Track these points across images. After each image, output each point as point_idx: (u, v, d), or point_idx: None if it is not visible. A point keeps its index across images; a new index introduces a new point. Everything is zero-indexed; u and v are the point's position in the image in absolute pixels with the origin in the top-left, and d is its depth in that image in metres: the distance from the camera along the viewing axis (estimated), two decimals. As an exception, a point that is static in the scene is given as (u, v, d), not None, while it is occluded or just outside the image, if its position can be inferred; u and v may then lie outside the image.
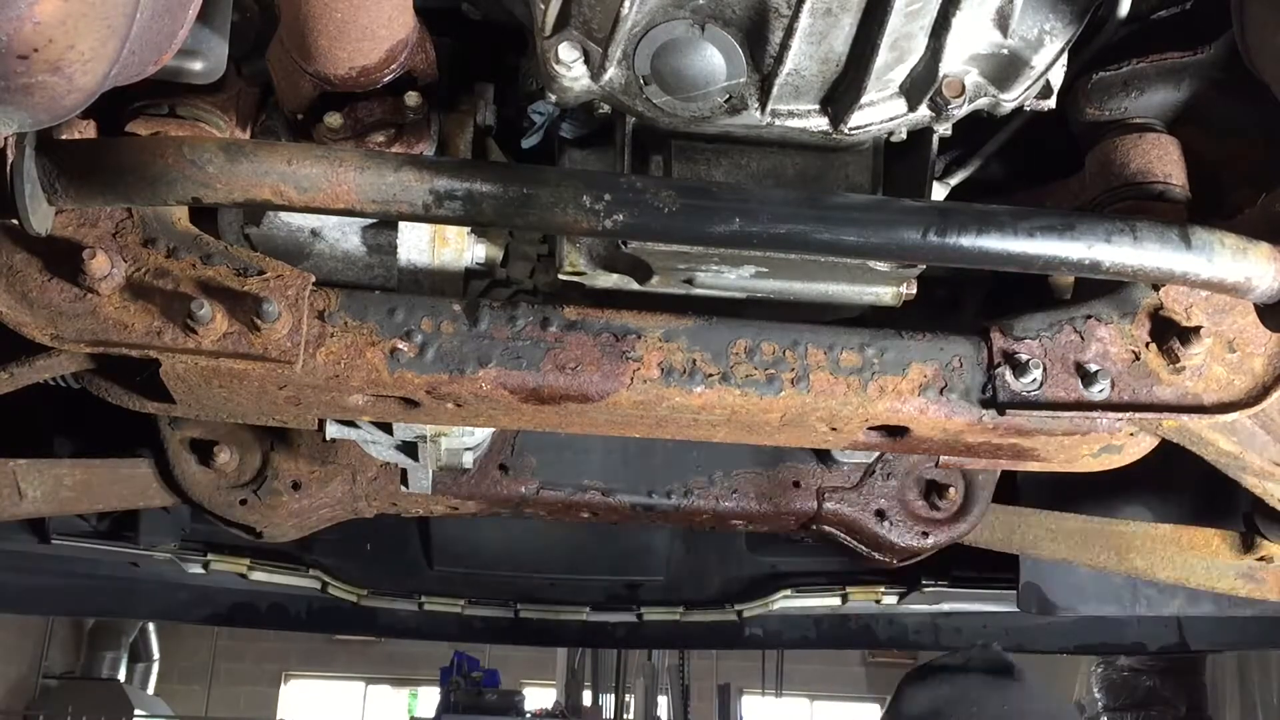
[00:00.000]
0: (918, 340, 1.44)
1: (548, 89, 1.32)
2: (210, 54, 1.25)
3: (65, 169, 1.14)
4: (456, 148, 1.48)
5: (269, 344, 1.29)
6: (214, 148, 1.14)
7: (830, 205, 1.21)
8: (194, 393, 1.36)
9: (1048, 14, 1.34)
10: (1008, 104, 1.39)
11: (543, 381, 1.36)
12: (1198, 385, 1.46)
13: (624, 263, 1.52)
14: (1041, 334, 1.46)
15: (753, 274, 1.49)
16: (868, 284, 1.54)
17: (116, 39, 0.88)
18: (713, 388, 1.39)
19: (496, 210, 1.17)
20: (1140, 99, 1.57)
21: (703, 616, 3.38)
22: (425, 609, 3.28)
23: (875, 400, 1.41)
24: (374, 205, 1.16)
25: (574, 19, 1.27)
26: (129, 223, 1.32)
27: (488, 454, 2.04)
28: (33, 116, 0.92)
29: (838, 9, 1.22)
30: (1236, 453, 1.53)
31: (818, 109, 1.36)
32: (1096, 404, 1.43)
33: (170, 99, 1.37)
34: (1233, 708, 7.21)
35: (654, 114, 1.33)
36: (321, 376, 1.32)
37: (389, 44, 1.27)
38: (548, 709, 11.05)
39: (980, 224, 1.21)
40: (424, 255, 1.49)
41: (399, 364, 1.34)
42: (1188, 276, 1.26)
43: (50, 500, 1.94)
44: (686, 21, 1.26)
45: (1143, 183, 1.53)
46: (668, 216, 1.18)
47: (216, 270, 1.32)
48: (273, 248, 1.46)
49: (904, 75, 1.34)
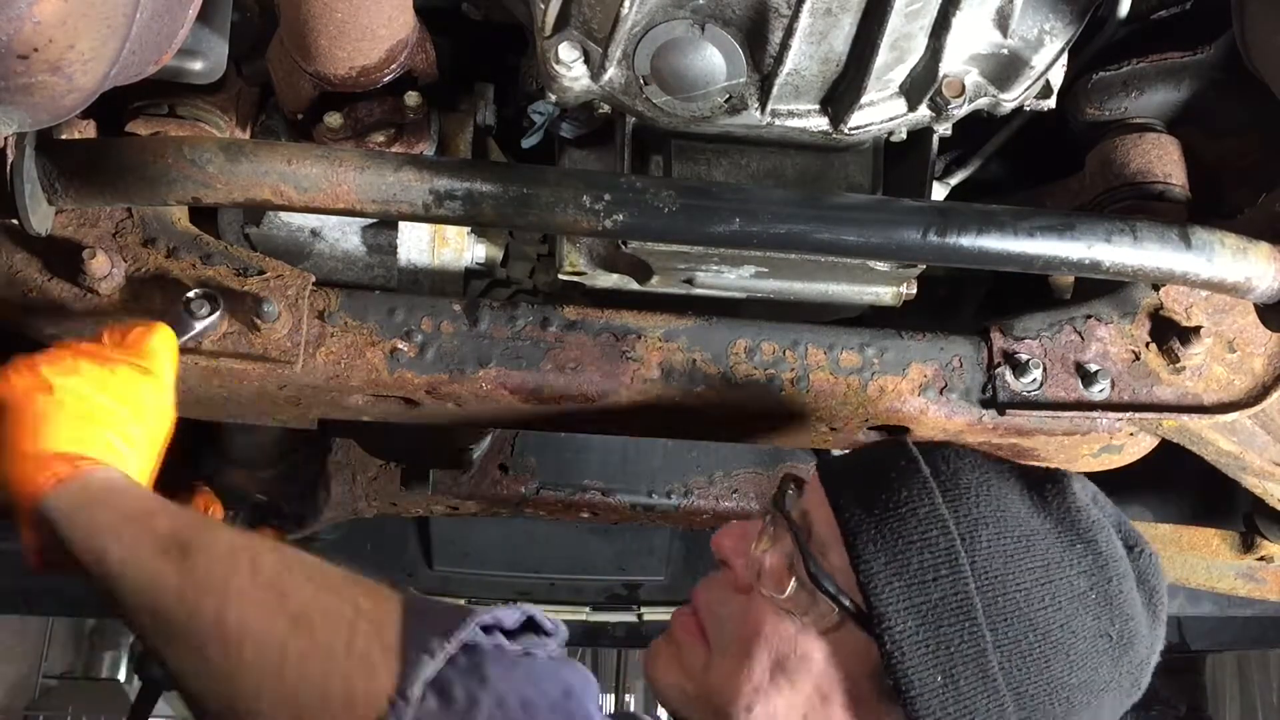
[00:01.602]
0: (918, 340, 1.44)
1: (548, 89, 1.32)
2: (210, 54, 1.25)
3: (65, 169, 1.14)
4: (456, 148, 1.48)
5: (269, 344, 1.29)
6: (214, 148, 1.14)
7: (830, 205, 1.21)
8: (194, 393, 1.36)
9: (1048, 14, 1.34)
10: (1008, 104, 1.39)
11: (543, 381, 1.36)
12: (1198, 385, 1.46)
13: (624, 263, 1.51)
14: (1041, 334, 1.46)
15: (753, 274, 1.49)
16: (868, 284, 1.54)
17: (116, 39, 0.88)
18: (713, 388, 1.39)
19: (496, 210, 1.17)
20: (1140, 99, 1.57)
21: (703, 616, 3.37)
22: (425, 609, 3.27)
23: (875, 400, 1.41)
24: (374, 205, 1.16)
25: (574, 19, 1.27)
26: (129, 223, 1.32)
27: (488, 454, 2.04)
28: (33, 116, 0.92)
29: (838, 9, 1.22)
30: (1236, 453, 1.53)
31: (818, 109, 1.36)
32: (1096, 404, 1.43)
33: (170, 99, 1.37)
34: (1233, 708, 7.21)
35: (654, 114, 1.33)
36: (321, 376, 1.32)
37: (389, 44, 1.27)
38: (548, 709, 11.04)
39: (980, 224, 1.21)
40: (424, 255, 1.49)
41: (399, 364, 1.34)
42: (1188, 276, 1.26)
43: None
44: (686, 21, 1.26)
45: (1143, 183, 1.53)
46: (668, 216, 1.18)
47: (216, 270, 1.31)
48: (273, 248, 1.46)
49: (904, 75, 1.34)
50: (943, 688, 1.01)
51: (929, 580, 1.03)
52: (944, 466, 1.10)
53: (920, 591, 1.02)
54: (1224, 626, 3.13)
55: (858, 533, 1.06)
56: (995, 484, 1.09)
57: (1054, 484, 1.11)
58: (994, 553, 1.04)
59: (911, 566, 1.03)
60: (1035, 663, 1.02)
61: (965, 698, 1.01)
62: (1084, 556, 1.06)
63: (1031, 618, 1.03)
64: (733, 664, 1.10)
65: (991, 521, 1.06)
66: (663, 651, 1.18)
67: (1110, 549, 1.08)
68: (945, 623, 1.02)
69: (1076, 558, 1.06)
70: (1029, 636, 1.02)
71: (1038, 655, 1.02)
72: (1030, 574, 1.04)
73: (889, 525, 1.06)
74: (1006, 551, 1.05)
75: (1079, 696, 1.03)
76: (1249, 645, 4.13)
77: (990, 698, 1.01)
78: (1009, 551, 1.05)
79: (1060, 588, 1.04)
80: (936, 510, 1.06)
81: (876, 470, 1.12)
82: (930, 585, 1.03)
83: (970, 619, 1.02)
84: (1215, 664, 6.98)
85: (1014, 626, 1.02)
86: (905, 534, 1.04)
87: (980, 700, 1.01)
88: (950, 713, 1.01)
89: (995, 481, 1.10)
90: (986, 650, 1.01)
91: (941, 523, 1.05)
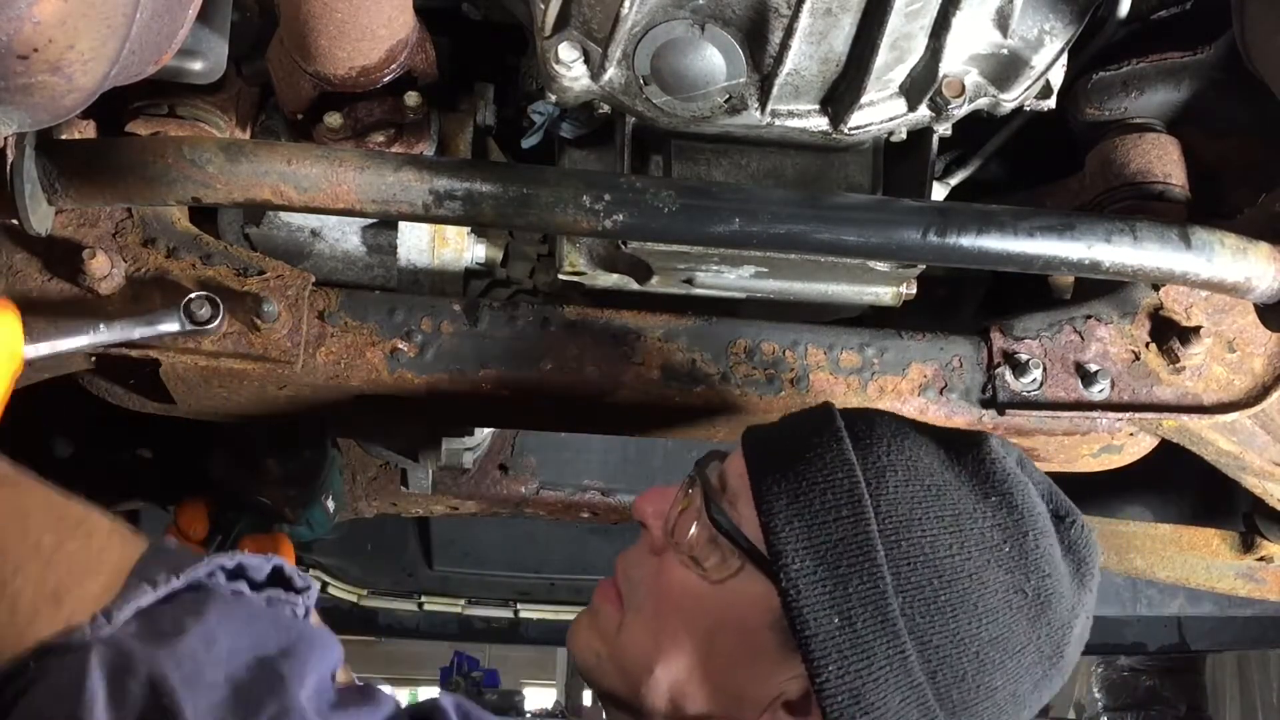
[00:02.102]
0: (918, 340, 1.44)
1: (548, 89, 1.32)
2: (210, 54, 1.25)
3: (65, 169, 1.14)
4: (456, 148, 1.48)
5: (269, 344, 1.29)
6: (214, 148, 1.14)
7: (830, 205, 1.21)
8: (194, 393, 1.36)
9: (1048, 14, 1.34)
10: (1008, 104, 1.39)
11: (543, 381, 1.36)
12: (1198, 385, 1.46)
13: (624, 263, 1.51)
14: (1041, 334, 1.46)
15: (753, 274, 1.49)
16: (868, 284, 1.54)
17: (116, 39, 0.88)
18: (713, 388, 1.39)
19: (496, 210, 1.17)
20: (1140, 99, 1.57)
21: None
22: (425, 609, 3.28)
23: (875, 400, 1.41)
24: (374, 205, 1.16)
25: (574, 19, 1.27)
26: (129, 223, 1.32)
27: (488, 454, 2.04)
28: (33, 116, 0.92)
29: (838, 9, 1.22)
30: (1236, 453, 1.53)
31: (818, 109, 1.36)
32: (1096, 404, 1.43)
33: (170, 99, 1.36)
34: (1233, 708, 7.20)
35: (654, 114, 1.33)
36: (321, 376, 1.32)
37: (389, 44, 1.27)
38: (548, 709, 11.06)
39: (980, 224, 1.21)
40: (424, 255, 1.49)
41: (399, 364, 1.34)
42: (1188, 276, 1.26)
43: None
44: (686, 21, 1.26)
45: (1143, 183, 1.53)
46: (668, 216, 1.18)
47: (216, 270, 1.31)
48: (273, 248, 1.46)
49: (904, 75, 1.34)
50: (839, 630, 0.98)
51: (829, 521, 1.00)
52: (860, 421, 1.09)
53: (820, 531, 1.00)
54: (1224, 626, 3.13)
55: (763, 476, 1.05)
56: (910, 437, 1.07)
57: (971, 442, 1.09)
58: (899, 498, 1.02)
59: (813, 507, 1.01)
60: (940, 611, 0.98)
61: (863, 640, 0.97)
62: (998, 510, 1.03)
63: (937, 564, 0.99)
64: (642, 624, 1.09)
65: (900, 468, 1.04)
66: (582, 620, 1.17)
67: (1028, 505, 1.05)
68: (844, 563, 0.99)
69: (990, 510, 1.03)
70: (933, 583, 0.99)
71: (942, 603, 0.99)
72: (939, 522, 1.01)
73: (794, 470, 1.04)
74: (914, 498, 1.02)
75: (990, 653, 1.00)
76: (1249, 645, 4.13)
77: (890, 642, 0.98)
78: (916, 498, 1.02)
79: (970, 537, 1.01)
80: (844, 455, 1.04)
81: (794, 427, 1.12)
82: (831, 525, 1.00)
83: (871, 560, 0.99)
84: (1215, 664, 6.97)
85: (917, 571, 0.99)
86: (809, 476, 1.03)
87: (879, 644, 0.97)
88: (847, 656, 0.97)
89: (911, 435, 1.08)
90: (887, 593, 0.98)
91: (847, 466, 1.03)
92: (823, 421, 1.09)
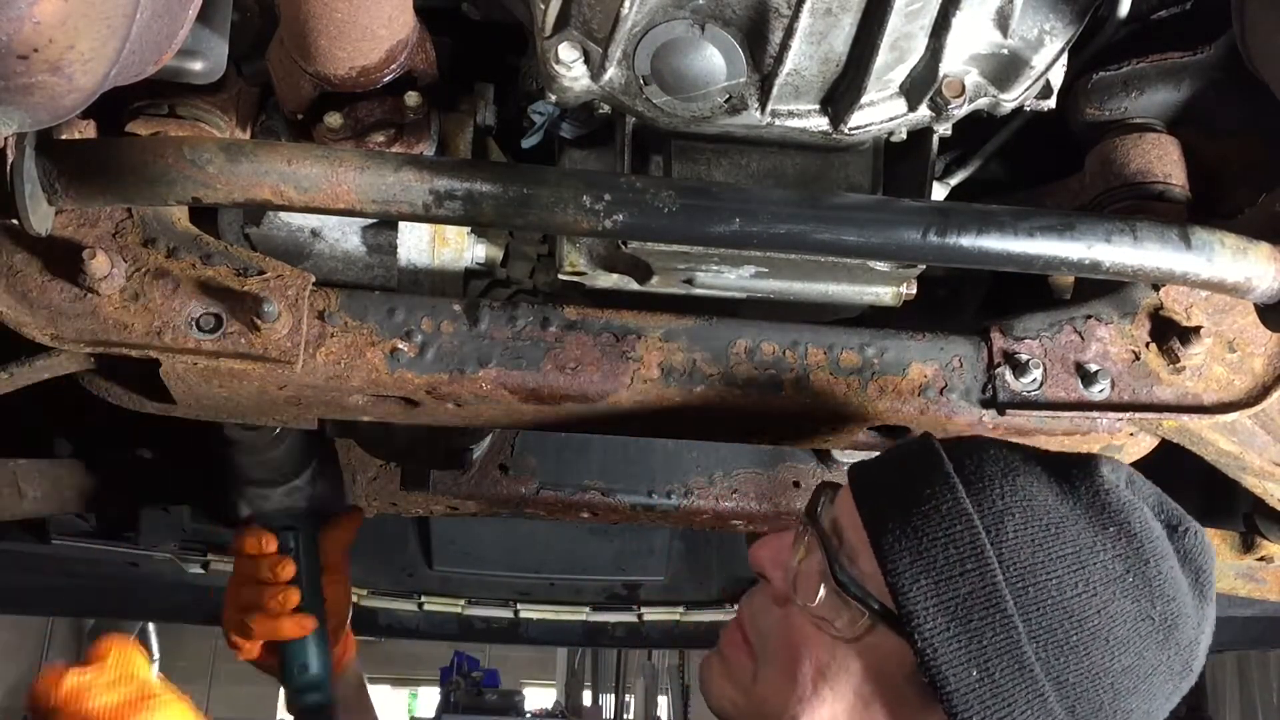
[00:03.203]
0: (918, 340, 1.44)
1: (548, 89, 1.32)
2: (210, 54, 1.25)
3: (65, 169, 1.14)
4: (456, 148, 1.48)
5: (269, 344, 1.29)
6: (214, 148, 1.14)
7: (830, 205, 1.21)
8: (194, 393, 1.36)
9: (1048, 14, 1.34)
10: (1008, 104, 1.39)
11: (543, 381, 1.36)
12: (1198, 385, 1.46)
13: (624, 263, 1.51)
14: (1041, 334, 1.46)
15: (753, 274, 1.49)
16: (868, 284, 1.54)
17: (116, 39, 0.88)
18: (713, 388, 1.39)
19: (496, 210, 1.17)
20: (1140, 99, 1.57)
21: (702, 616, 3.38)
22: (425, 609, 3.28)
23: (875, 400, 1.41)
24: (374, 205, 1.16)
25: (574, 19, 1.27)
26: (129, 223, 1.32)
27: (488, 454, 2.04)
28: (33, 116, 0.92)
29: (838, 9, 1.22)
30: (1236, 453, 1.53)
31: (818, 109, 1.36)
32: (1096, 404, 1.43)
33: (170, 99, 1.36)
34: (1233, 708, 7.21)
35: (654, 114, 1.33)
36: (321, 376, 1.32)
37: (389, 44, 1.27)
38: (548, 709, 11.06)
39: (980, 224, 1.21)
40: (424, 255, 1.49)
41: (399, 364, 1.34)
42: (1188, 276, 1.26)
43: (50, 500, 1.94)
44: (686, 21, 1.26)
45: (1143, 183, 1.53)
46: (668, 216, 1.18)
47: (216, 270, 1.31)
48: (273, 248, 1.46)
49: (904, 75, 1.34)
50: (979, 682, 1.00)
51: (955, 575, 1.02)
52: (968, 460, 1.10)
53: (948, 587, 1.02)
54: (1224, 626, 3.11)
55: (882, 534, 1.06)
56: (1020, 474, 1.08)
57: (1081, 469, 1.10)
58: (1021, 543, 1.03)
59: (938, 563, 1.03)
60: (1073, 651, 1.01)
61: (1003, 690, 1.00)
62: (1117, 540, 1.05)
63: (1065, 605, 1.01)
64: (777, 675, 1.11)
65: (1017, 512, 1.05)
66: (714, 666, 1.20)
67: (1145, 530, 1.07)
68: (975, 617, 1.01)
69: (1109, 541, 1.05)
70: (1064, 625, 1.01)
71: (1075, 643, 1.01)
72: (1061, 562, 1.03)
73: (912, 524, 1.05)
74: (1034, 541, 1.03)
75: (1125, 681, 1.02)
76: (1249, 645, 4.13)
77: (1029, 688, 1.00)
78: (1037, 541, 1.04)
79: (1094, 573, 1.03)
80: (960, 505, 1.05)
81: (901, 470, 1.12)
82: (958, 580, 1.02)
83: (1001, 611, 1.01)
84: (1215, 664, 6.98)
85: (1047, 616, 1.01)
86: (929, 531, 1.04)
87: (1019, 692, 1.00)
88: (990, 706, 1.00)
89: (1021, 471, 1.09)
90: (1020, 641, 1.00)
91: (965, 517, 1.04)
92: (931, 465, 1.10)
